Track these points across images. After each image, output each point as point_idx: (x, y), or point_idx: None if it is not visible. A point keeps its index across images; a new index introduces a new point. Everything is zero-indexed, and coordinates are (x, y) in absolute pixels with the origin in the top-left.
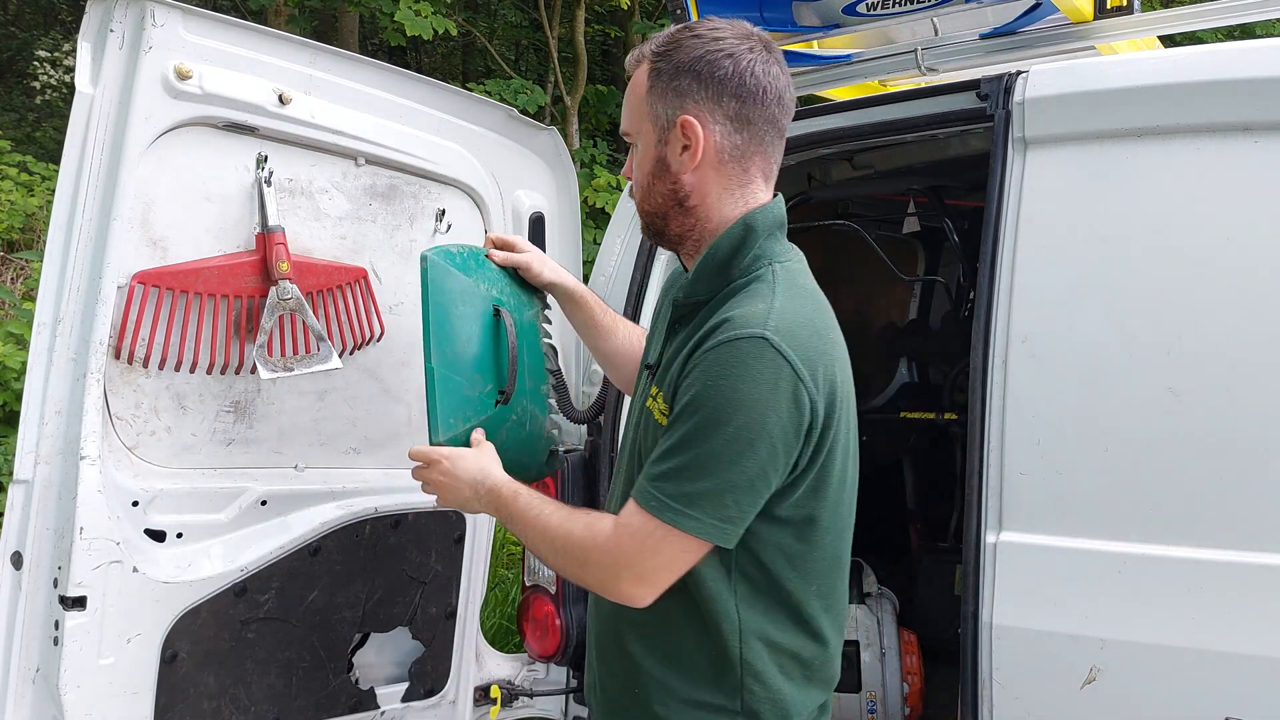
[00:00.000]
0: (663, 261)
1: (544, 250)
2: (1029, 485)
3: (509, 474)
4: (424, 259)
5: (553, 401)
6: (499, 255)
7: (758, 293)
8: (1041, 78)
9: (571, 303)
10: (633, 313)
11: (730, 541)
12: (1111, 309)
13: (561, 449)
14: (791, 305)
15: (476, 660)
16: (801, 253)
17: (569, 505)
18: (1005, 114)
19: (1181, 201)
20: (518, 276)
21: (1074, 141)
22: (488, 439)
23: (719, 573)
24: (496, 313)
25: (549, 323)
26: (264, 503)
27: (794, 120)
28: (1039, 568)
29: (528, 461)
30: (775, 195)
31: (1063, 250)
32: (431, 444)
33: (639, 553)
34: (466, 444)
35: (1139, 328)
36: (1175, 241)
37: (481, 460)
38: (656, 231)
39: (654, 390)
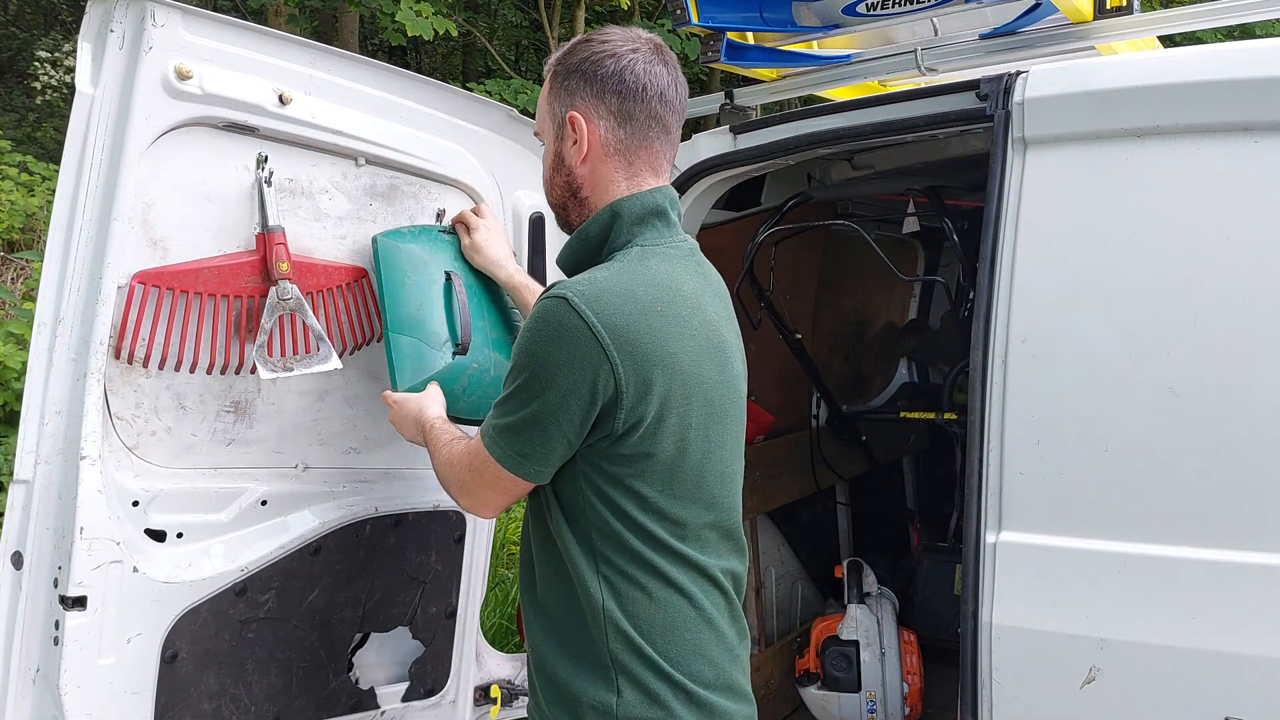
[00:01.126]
0: None
1: (544, 250)
2: (1029, 485)
3: (476, 413)
4: (374, 241)
5: None
6: (459, 228)
7: (599, 267)
8: (1041, 78)
9: (510, 291)
10: None
11: (529, 474)
12: (1111, 309)
13: None
14: (618, 278)
15: (477, 660)
16: (691, 244)
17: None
18: (1005, 114)
19: (1181, 201)
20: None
21: (1074, 142)
22: (450, 386)
23: (578, 534)
24: (449, 278)
25: None
26: (264, 503)
27: (793, 120)
28: (1039, 568)
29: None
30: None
31: (1063, 250)
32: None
33: (468, 469)
34: None
35: (1139, 328)
36: (1175, 241)
37: (422, 401)
38: (564, 222)
39: None
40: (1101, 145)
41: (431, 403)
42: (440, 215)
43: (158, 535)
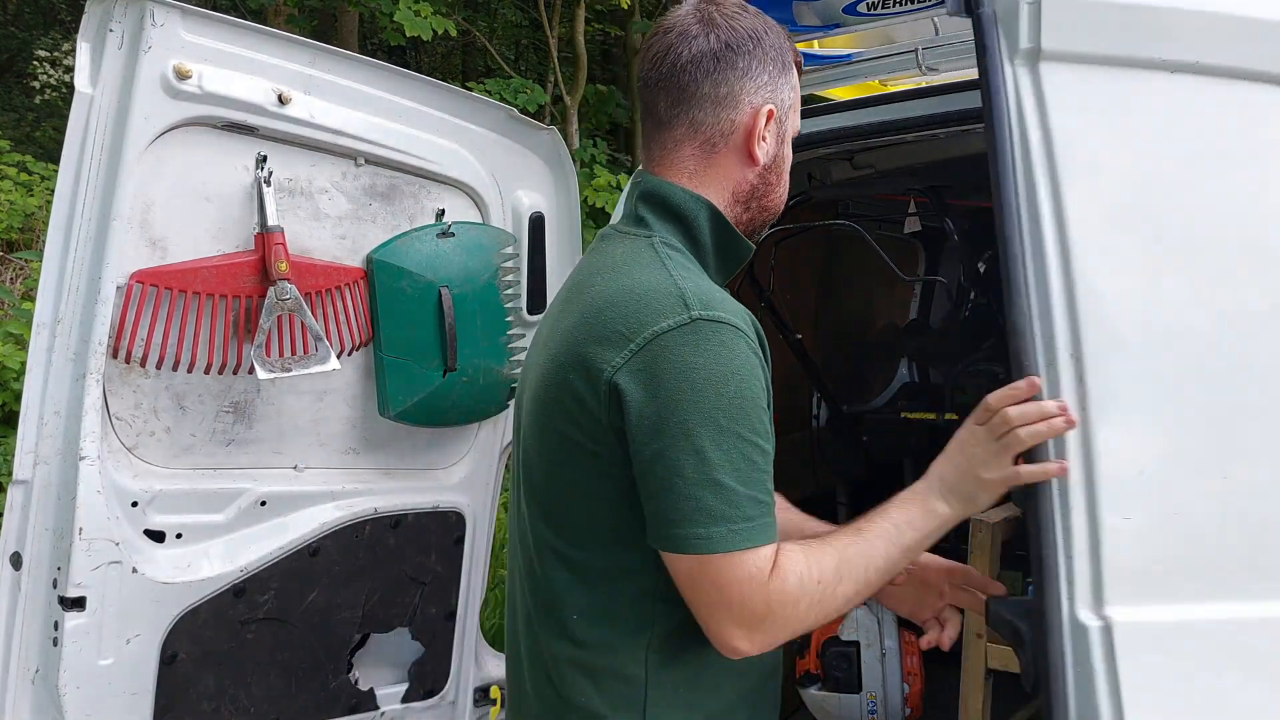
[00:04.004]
0: None
1: (544, 250)
2: (1140, 535)
3: (465, 419)
4: (369, 261)
5: (517, 357)
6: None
7: None
8: None
9: None
10: None
11: None
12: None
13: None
14: None
15: (476, 661)
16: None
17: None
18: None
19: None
20: (471, 243)
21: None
22: (440, 403)
23: None
24: (439, 294)
25: (513, 273)
26: (263, 503)
27: None
28: (1177, 657)
29: (485, 406)
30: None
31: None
32: (382, 415)
33: None
34: (417, 416)
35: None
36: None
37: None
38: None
39: None
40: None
41: None
42: (440, 215)
43: (157, 536)
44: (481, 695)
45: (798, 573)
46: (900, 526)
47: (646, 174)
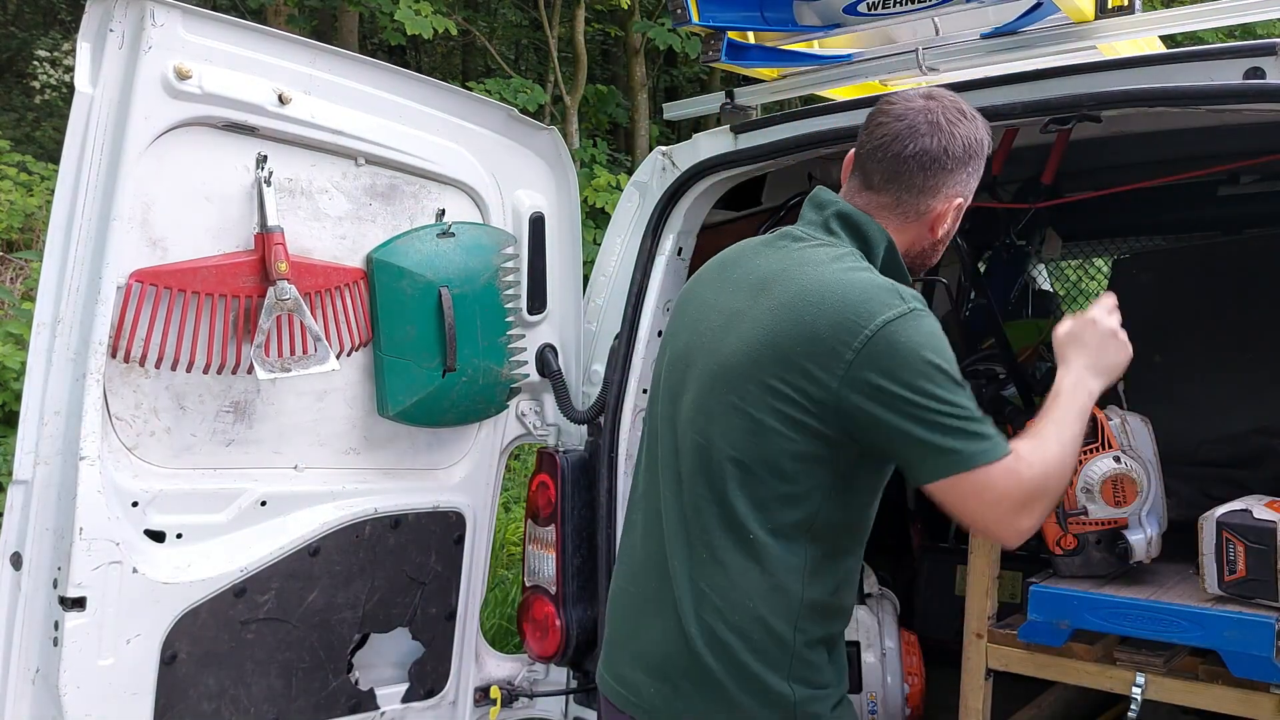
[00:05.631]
0: (662, 263)
1: (544, 250)
2: None
3: (464, 419)
4: (369, 261)
5: (516, 358)
6: None
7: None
8: None
9: None
10: (633, 313)
11: None
12: None
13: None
14: None
15: (476, 661)
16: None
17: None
18: None
19: None
20: (471, 243)
21: None
22: (439, 402)
23: None
24: (439, 295)
25: (513, 274)
26: (263, 503)
27: (794, 120)
28: None
29: (484, 406)
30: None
31: None
32: (381, 415)
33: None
34: (416, 416)
35: None
36: None
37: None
38: None
39: None
40: None
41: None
42: (440, 214)
43: (157, 536)
44: (481, 695)
45: (1032, 455)
46: (1084, 405)
47: (842, 200)
